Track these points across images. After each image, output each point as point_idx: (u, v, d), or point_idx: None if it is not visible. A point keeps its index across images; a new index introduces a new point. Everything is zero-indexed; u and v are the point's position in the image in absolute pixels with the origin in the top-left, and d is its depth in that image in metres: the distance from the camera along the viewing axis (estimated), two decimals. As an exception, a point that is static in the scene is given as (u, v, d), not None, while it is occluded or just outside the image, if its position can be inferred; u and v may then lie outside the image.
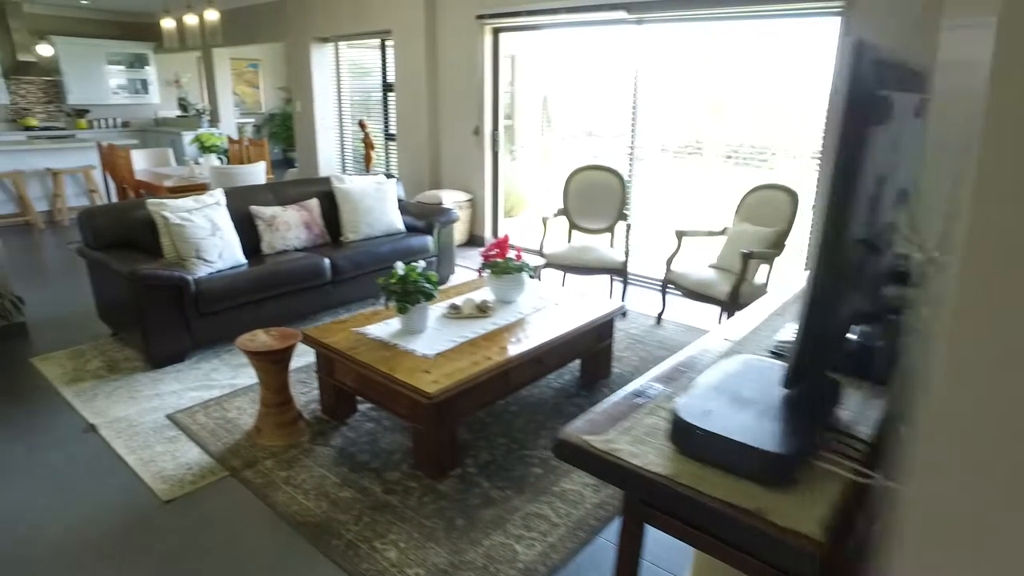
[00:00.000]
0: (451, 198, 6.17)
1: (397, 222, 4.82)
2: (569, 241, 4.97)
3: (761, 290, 4.09)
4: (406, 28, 6.38)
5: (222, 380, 3.51)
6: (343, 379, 2.92)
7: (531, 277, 3.47)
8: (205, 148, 5.42)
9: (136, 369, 3.62)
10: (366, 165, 7.29)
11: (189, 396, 3.32)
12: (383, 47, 7.10)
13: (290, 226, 4.36)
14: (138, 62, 10.76)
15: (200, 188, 5.40)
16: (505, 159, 6.46)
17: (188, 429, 3.01)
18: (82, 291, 4.15)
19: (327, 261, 4.21)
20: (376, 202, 4.71)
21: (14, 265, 5.58)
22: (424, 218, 4.97)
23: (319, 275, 4.16)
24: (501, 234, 6.46)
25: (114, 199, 6.18)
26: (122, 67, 10.54)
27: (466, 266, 5.56)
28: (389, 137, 7.37)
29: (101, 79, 10.29)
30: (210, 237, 3.76)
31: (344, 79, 7.83)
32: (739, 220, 4.39)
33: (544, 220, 4.78)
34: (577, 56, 7.50)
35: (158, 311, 3.51)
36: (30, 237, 6.91)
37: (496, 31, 6.00)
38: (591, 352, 3.48)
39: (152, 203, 3.78)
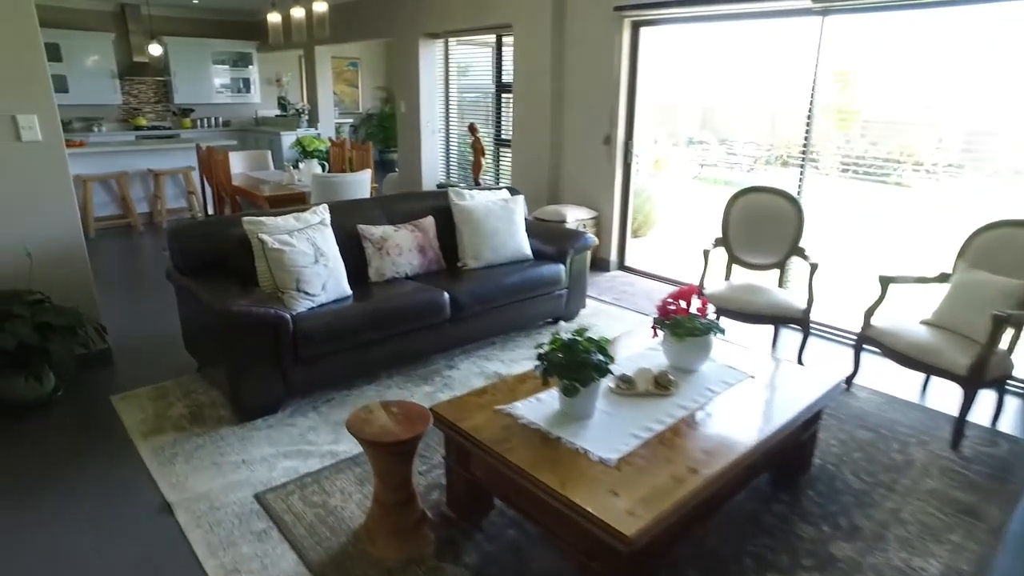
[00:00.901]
0: (574, 215, 5.39)
1: (524, 247, 4.08)
2: (728, 278, 4.08)
3: (1007, 362, 3.08)
4: (530, 21, 5.65)
5: (321, 444, 2.85)
6: (484, 477, 2.18)
7: (719, 337, 2.62)
8: (307, 153, 4.89)
9: (222, 421, 3.02)
10: (475, 173, 6.63)
11: (282, 466, 2.68)
12: (498, 43, 6.42)
13: (402, 250, 3.70)
14: (241, 61, 10.62)
15: (299, 197, 4.86)
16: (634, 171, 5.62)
17: (281, 520, 2.35)
18: (170, 309, 3.65)
19: (446, 296, 3.51)
20: (502, 223, 3.99)
21: (108, 274, 5.26)
22: (554, 242, 4.20)
23: (437, 313, 3.47)
24: (629, 258, 5.63)
25: (210, 204, 5.80)
26: (226, 66, 10.41)
27: (597, 297, 4.76)
28: (500, 143, 6.67)
29: (206, 78, 10.19)
30: (313, 265, 3.13)
31: (452, 78, 7.21)
32: (968, 266, 3.37)
33: (705, 253, 3.92)
34: (708, 53, 6.52)
35: (249, 355, 2.90)
36: (128, 240, 6.66)
37: (636, 25, 5.17)
38: (796, 443, 2.60)
39: (248, 222, 3.19)
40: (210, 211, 5.69)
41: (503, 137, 6.63)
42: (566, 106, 5.66)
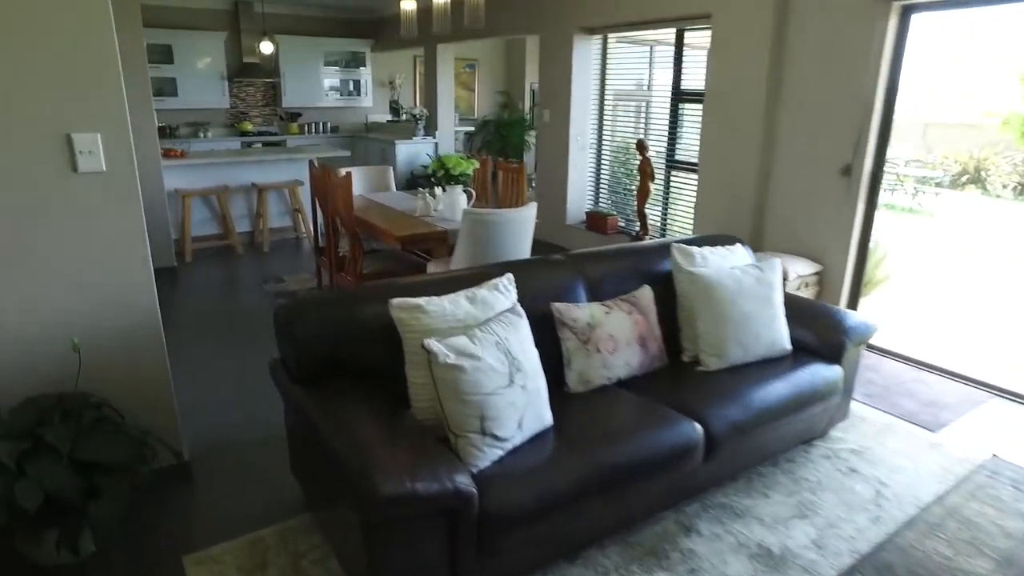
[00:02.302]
0: (791, 270, 3.97)
1: (784, 339, 2.71)
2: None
3: None
4: (740, 11, 4.27)
5: None
6: None
7: None
8: (450, 176, 3.72)
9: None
10: (639, 202, 5.31)
11: None
12: (679, 41, 5.07)
13: (617, 343, 2.42)
14: (354, 61, 9.76)
15: (439, 238, 3.68)
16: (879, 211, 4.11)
17: None
18: (270, 387, 2.56)
19: (699, 431, 2.20)
20: (756, 305, 2.63)
21: (194, 316, 4.29)
22: (815, 327, 2.81)
23: (687, 458, 2.16)
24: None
25: (320, 230, 4.77)
26: (337, 67, 9.57)
27: (862, 402, 3.32)
28: (673, 165, 5.32)
29: (316, 80, 9.38)
30: (506, 390, 1.88)
31: (610, 83, 5.91)
32: None
33: None
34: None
35: (405, 557, 1.69)
36: (226, 265, 5.75)
37: (907, 10, 3.70)
38: None
39: (400, 308, 1.99)
40: (320, 239, 4.65)
41: (677, 159, 5.27)
42: (783, 123, 4.24)
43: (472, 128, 10.44)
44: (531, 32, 6.26)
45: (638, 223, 5.46)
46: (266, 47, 6.96)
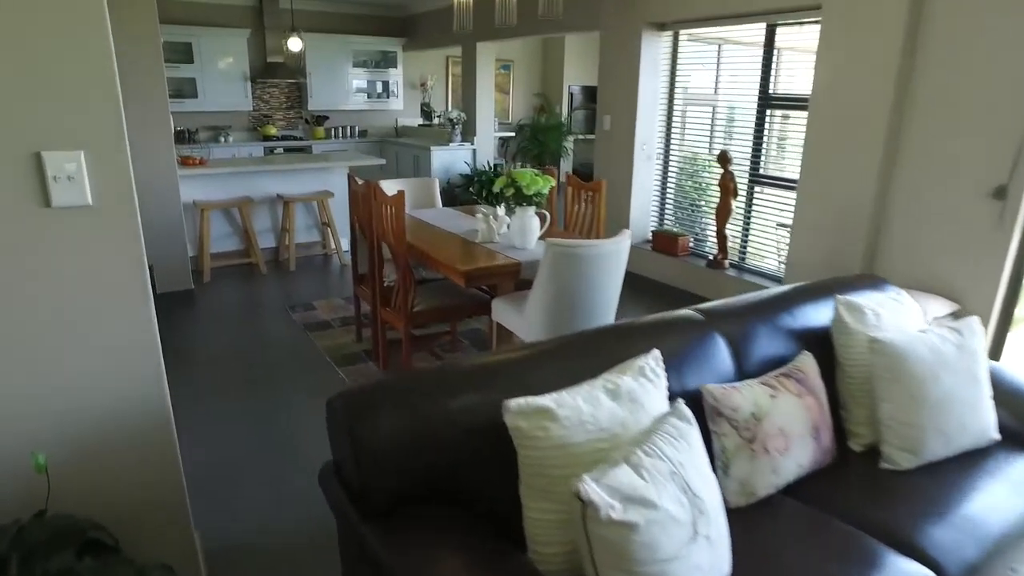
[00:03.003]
0: (927, 310, 3.28)
1: (992, 425, 2.04)
2: None
3: None
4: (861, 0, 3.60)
5: None
6: None
7: None
8: (520, 195, 3.08)
9: None
10: (719, 222, 4.65)
11: None
12: (769, 38, 4.40)
13: (789, 439, 1.76)
14: (384, 61, 9.19)
15: (510, 272, 3.04)
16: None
17: None
18: (302, 470, 1.94)
19: (936, 587, 1.53)
20: (959, 383, 1.96)
21: (215, 353, 3.64)
22: (1013, 402, 2.14)
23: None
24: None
25: (350, 248, 4.11)
26: (366, 68, 8.99)
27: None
28: (758, 180, 4.64)
29: (344, 81, 8.81)
30: (690, 548, 1.24)
31: (680, 86, 5.25)
32: None
33: None
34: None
35: None
36: (248, 286, 5.16)
37: (1085, -3, 3.00)
38: None
39: (519, 414, 1.35)
40: (357, 262, 4.03)
41: (762, 173, 4.60)
42: (912, 132, 3.55)
43: (512, 133, 9.81)
44: (590, 29, 5.61)
45: (716, 246, 4.80)
46: (294, 44, 6.39)
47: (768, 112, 4.48)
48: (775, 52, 4.40)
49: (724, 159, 4.46)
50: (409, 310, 3.23)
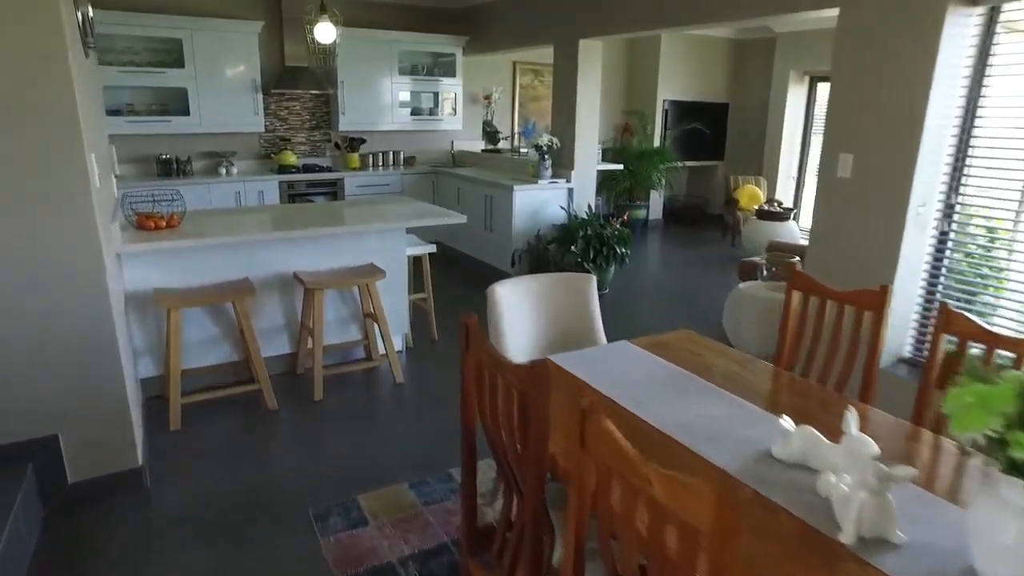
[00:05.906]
0: None
1: None
2: None
3: None
4: None
5: None
6: None
7: None
8: (1014, 467, 0.90)
9: None
10: None
11: None
12: None
13: None
14: (437, 68, 7.03)
15: None
16: None
17: None
18: None
19: None
20: None
21: None
22: None
23: None
24: None
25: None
26: (415, 77, 6.84)
27: None
28: None
29: (385, 93, 6.65)
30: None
31: (987, 104, 2.95)
32: None
33: None
34: None
35: None
36: (243, 443, 2.92)
37: None
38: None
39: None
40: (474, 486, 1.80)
41: None
42: None
43: (615, 165, 7.55)
44: (831, 5, 3.30)
45: None
46: (325, 32, 4.14)
47: None
48: None
49: None
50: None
